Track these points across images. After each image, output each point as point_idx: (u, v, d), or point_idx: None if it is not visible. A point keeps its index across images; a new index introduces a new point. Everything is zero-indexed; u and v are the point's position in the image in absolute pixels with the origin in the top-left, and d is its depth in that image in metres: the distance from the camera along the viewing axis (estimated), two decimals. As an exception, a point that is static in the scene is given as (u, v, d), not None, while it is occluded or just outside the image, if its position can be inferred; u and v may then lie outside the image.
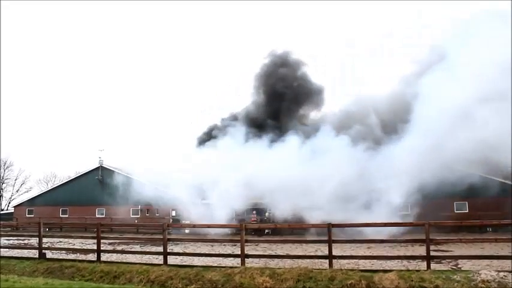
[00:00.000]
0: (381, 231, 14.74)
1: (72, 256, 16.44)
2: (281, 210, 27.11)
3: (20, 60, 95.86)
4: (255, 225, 27.34)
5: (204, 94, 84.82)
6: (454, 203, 31.50)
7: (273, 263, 13.39)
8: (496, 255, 11.23)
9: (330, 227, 12.04)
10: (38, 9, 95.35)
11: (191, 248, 20.36)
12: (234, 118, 39.66)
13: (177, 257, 15.08)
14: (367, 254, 15.82)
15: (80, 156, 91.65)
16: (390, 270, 11.02)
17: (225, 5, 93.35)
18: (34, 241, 19.10)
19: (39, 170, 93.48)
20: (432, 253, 11.33)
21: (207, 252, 15.87)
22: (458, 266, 12.38)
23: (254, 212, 35.08)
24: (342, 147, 25.95)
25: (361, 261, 13.37)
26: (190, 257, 15.11)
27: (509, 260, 11.19)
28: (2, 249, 16.25)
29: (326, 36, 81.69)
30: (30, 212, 44.78)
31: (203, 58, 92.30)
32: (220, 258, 14.63)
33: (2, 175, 62.09)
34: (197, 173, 29.69)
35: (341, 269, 11.25)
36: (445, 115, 20.98)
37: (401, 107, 26.87)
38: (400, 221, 13.74)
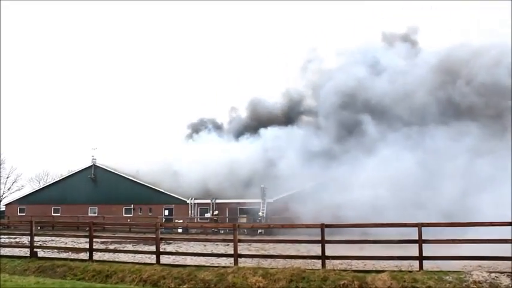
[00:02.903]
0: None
1: (64, 255, 16.33)
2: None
3: (14, 59, 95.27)
4: (248, 225, 27.35)
5: (200, 93, 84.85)
6: None
7: (265, 263, 13.39)
8: (488, 256, 11.27)
9: (323, 227, 12.06)
10: (37, 9, 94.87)
11: (184, 247, 20.32)
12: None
13: (170, 256, 15.04)
14: (360, 254, 15.85)
15: (73, 155, 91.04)
16: (383, 271, 11.08)
17: (219, 4, 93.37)
18: (26, 240, 18.97)
19: (31, 168, 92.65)
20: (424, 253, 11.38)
21: (199, 252, 15.85)
22: (450, 266, 12.40)
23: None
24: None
25: (354, 262, 13.39)
26: (183, 257, 15.09)
27: (501, 261, 11.25)
28: (-7, 248, 16.13)
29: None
30: (21, 211, 44.47)
31: (200, 57, 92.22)
32: (213, 257, 14.62)
33: (-7, 173, 61.51)
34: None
35: (334, 269, 11.30)
36: None
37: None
38: (393, 223, 13.79)
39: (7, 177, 62.46)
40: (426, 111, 29.02)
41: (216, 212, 36.66)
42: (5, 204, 48.17)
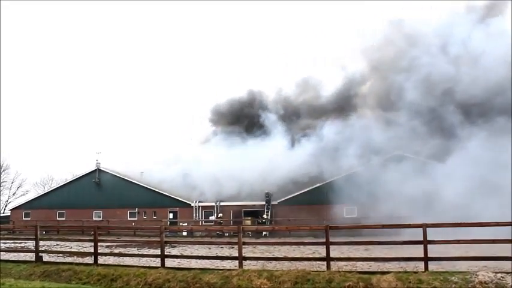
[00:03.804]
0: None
1: (69, 259, 16.38)
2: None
3: (17, 61, 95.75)
4: (253, 227, 27.37)
5: (202, 97, 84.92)
6: None
7: (270, 265, 13.39)
8: (494, 257, 11.22)
9: (327, 228, 12.04)
10: (38, 10, 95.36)
11: (189, 250, 20.33)
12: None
13: (175, 259, 15.06)
14: (365, 255, 15.84)
15: (77, 159, 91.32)
16: (388, 272, 11.03)
17: (219, 4, 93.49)
18: (31, 244, 19.05)
19: (35, 173, 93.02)
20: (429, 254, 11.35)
21: (204, 255, 15.88)
22: (456, 267, 12.37)
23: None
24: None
25: (359, 263, 13.37)
26: (188, 260, 15.10)
27: (507, 261, 11.20)
28: (-2, 253, 16.17)
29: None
30: (27, 215, 44.53)
31: (201, 60, 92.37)
32: (218, 260, 14.65)
33: (-2, 178, 61.78)
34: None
35: (339, 271, 11.27)
36: None
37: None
38: (398, 224, 13.80)
39: (12, 182, 62.85)
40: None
41: (220, 215, 36.67)
42: (10, 209, 48.30)
